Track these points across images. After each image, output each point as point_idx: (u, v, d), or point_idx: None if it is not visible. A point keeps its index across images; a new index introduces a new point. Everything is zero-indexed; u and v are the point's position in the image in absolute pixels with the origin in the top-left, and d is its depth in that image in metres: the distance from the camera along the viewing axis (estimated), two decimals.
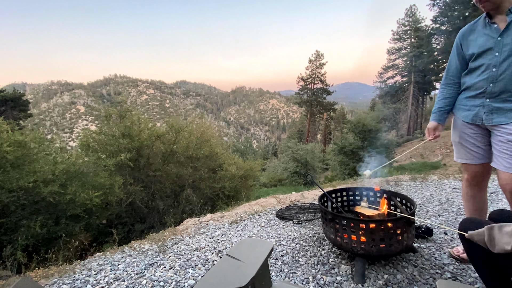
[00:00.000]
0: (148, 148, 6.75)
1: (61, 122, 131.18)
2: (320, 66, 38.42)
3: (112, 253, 2.39)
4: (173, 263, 2.10)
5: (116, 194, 5.23)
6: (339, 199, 2.28)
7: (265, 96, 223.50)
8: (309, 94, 38.92)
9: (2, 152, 3.69)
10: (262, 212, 3.20)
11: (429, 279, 1.65)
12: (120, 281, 1.90)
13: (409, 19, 31.41)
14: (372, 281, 1.65)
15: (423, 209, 2.88)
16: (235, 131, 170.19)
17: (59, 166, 4.29)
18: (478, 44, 1.65)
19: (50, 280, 1.98)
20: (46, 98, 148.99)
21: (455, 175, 4.35)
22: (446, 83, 1.89)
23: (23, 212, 3.92)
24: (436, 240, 2.13)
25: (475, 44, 1.68)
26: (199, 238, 2.58)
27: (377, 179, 4.54)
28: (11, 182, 3.66)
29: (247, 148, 26.29)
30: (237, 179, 8.20)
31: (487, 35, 1.61)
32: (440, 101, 1.92)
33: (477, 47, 1.65)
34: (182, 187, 7.28)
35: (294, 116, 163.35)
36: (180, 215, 6.32)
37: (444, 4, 20.33)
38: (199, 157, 7.78)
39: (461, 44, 1.77)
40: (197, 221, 3.14)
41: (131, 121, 6.62)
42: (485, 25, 1.64)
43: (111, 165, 5.33)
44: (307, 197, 3.79)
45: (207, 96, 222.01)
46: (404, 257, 1.88)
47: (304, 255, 2.03)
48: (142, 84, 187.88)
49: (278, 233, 2.50)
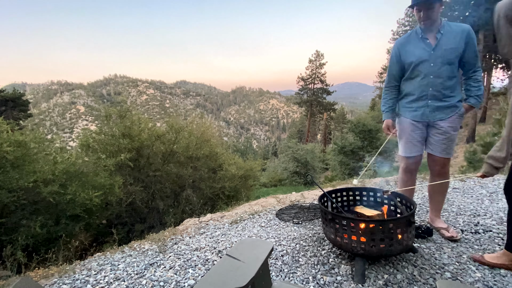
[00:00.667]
0: (148, 148, 6.75)
1: (61, 122, 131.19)
2: (320, 66, 38.43)
3: (112, 253, 2.39)
4: (173, 263, 2.10)
5: (116, 194, 5.22)
6: (339, 199, 2.28)
7: (265, 96, 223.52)
8: (309, 94, 38.92)
9: (2, 152, 3.68)
10: (262, 212, 3.20)
11: (429, 279, 1.65)
12: (120, 281, 1.90)
13: (409, 19, 31.37)
14: (372, 281, 1.65)
15: (423, 209, 2.88)
16: (235, 131, 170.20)
17: (59, 166, 4.29)
18: (416, 55, 2.01)
19: (50, 280, 1.98)
20: (46, 98, 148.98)
21: (455, 175, 4.35)
22: (390, 86, 2.24)
23: (23, 212, 3.92)
24: (436, 240, 2.13)
25: (412, 54, 2.03)
26: (199, 238, 2.58)
27: (377, 179, 4.53)
28: (11, 182, 3.66)
29: (247, 148, 26.29)
30: (237, 179, 8.20)
31: (423, 48, 1.99)
32: (388, 101, 2.26)
33: (416, 57, 2.00)
34: (182, 187, 7.28)
35: (294, 116, 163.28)
36: (180, 215, 6.32)
37: (444, 4, 20.33)
38: (199, 157, 7.78)
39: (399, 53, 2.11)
40: (197, 221, 3.14)
41: (131, 121, 6.62)
42: (419, 39, 2.02)
43: (111, 165, 5.33)
44: (307, 197, 3.79)
45: (207, 96, 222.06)
46: (404, 257, 1.88)
47: (304, 255, 2.03)
48: (142, 84, 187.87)
49: (278, 233, 2.50)
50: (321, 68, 38.45)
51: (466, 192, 3.33)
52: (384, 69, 34.35)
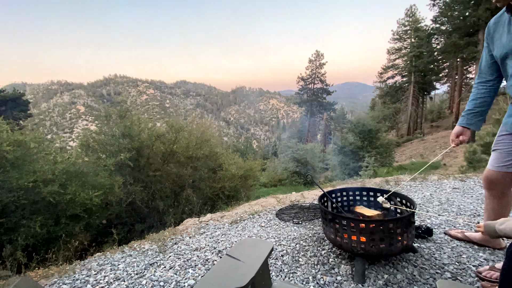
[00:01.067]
0: (148, 148, 6.75)
1: (61, 122, 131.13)
2: (320, 66, 38.45)
3: (112, 253, 2.39)
4: (173, 263, 2.10)
5: (116, 194, 5.22)
6: (339, 199, 2.28)
7: (265, 96, 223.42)
8: (309, 94, 38.94)
9: (2, 152, 3.68)
10: (262, 212, 3.20)
11: (429, 279, 1.65)
12: (120, 281, 1.90)
13: (409, 19, 31.37)
14: (372, 281, 1.65)
15: (423, 209, 2.88)
16: (235, 131, 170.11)
17: (59, 166, 4.29)
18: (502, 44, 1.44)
19: (50, 280, 1.98)
20: (46, 98, 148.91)
21: (455, 175, 4.35)
22: (478, 81, 1.69)
23: (23, 212, 3.92)
24: (436, 240, 2.13)
25: (499, 43, 1.46)
26: (199, 238, 2.58)
27: (378, 179, 4.53)
28: (11, 182, 3.66)
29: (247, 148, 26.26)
30: (237, 179, 8.19)
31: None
32: (470, 102, 1.71)
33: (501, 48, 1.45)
34: (182, 187, 7.28)
35: (294, 116, 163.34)
36: (180, 215, 6.32)
37: (444, 4, 20.30)
38: (199, 157, 7.78)
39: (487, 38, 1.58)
40: (197, 221, 3.14)
41: (131, 121, 6.62)
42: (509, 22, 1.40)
43: (111, 165, 5.33)
44: (307, 197, 3.79)
45: (207, 96, 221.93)
46: (404, 257, 1.88)
47: (304, 255, 2.03)
48: (142, 84, 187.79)
49: (278, 233, 2.50)
50: (321, 68, 38.48)
51: (466, 192, 3.33)
52: (384, 69, 34.31)
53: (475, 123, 1.70)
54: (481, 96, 1.67)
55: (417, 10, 31.28)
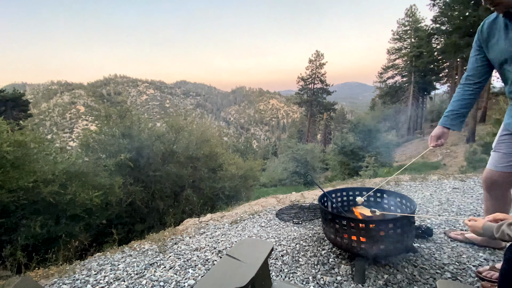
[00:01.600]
0: (148, 148, 6.75)
1: (61, 122, 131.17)
2: (320, 66, 38.44)
3: (112, 253, 2.39)
4: (173, 263, 2.10)
5: (116, 194, 5.22)
6: (339, 199, 2.28)
7: (265, 96, 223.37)
8: (309, 94, 38.94)
9: (2, 152, 3.68)
10: (262, 212, 3.20)
11: (429, 279, 1.65)
12: (120, 281, 1.90)
13: (409, 19, 31.40)
14: (372, 281, 1.65)
15: (423, 209, 2.88)
16: (235, 131, 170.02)
17: (59, 166, 4.29)
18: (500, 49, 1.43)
19: (50, 280, 1.98)
20: (46, 98, 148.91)
21: (455, 175, 4.35)
22: (463, 82, 1.69)
23: (23, 212, 3.92)
24: (436, 240, 2.13)
25: (496, 48, 1.45)
26: (199, 238, 2.58)
27: (378, 179, 4.53)
28: (11, 182, 3.66)
29: (247, 148, 26.26)
30: (237, 179, 8.20)
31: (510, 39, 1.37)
32: (455, 102, 1.69)
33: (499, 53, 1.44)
34: (182, 187, 7.28)
35: (294, 116, 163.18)
36: (180, 215, 6.32)
37: (444, 4, 20.31)
38: (199, 157, 7.78)
39: (479, 41, 1.57)
40: (197, 221, 3.14)
41: (131, 121, 6.62)
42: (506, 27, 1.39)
43: (111, 165, 5.32)
44: (307, 197, 3.79)
45: (207, 96, 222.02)
46: (404, 257, 1.88)
47: (304, 255, 2.03)
48: (142, 84, 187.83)
49: (278, 233, 2.50)
50: (321, 68, 38.46)
51: (466, 192, 3.33)
52: (384, 69, 34.33)
53: (457, 124, 1.70)
54: (467, 98, 1.66)
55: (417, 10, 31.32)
